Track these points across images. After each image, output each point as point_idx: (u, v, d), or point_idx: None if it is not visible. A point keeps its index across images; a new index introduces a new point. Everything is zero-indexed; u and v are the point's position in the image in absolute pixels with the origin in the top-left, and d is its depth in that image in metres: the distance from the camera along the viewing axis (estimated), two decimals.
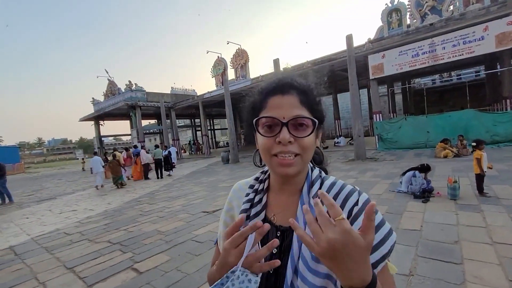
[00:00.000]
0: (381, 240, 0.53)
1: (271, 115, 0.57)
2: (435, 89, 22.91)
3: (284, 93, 0.59)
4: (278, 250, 0.58)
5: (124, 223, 4.98)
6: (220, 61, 22.04)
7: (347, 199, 0.58)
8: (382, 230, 0.54)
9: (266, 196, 0.67)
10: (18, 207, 8.10)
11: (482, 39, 9.78)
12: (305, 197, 0.60)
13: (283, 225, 0.61)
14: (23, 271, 3.30)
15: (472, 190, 4.68)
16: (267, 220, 0.63)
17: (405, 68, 11.62)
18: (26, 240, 4.57)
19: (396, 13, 14.53)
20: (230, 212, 0.72)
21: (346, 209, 0.57)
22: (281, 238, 0.60)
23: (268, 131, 0.58)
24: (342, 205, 0.57)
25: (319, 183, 0.62)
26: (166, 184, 9.67)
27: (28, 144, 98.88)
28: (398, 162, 8.65)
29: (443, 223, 3.45)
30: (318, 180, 0.62)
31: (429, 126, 10.95)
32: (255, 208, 0.65)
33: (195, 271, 2.86)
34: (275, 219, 0.63)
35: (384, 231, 0.54)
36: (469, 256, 2.57)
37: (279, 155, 0.56)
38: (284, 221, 0.61)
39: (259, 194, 0.67)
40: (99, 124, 25.18)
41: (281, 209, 0.64)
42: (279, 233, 0.61)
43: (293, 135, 0.56)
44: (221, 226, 0.72)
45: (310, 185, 0.62)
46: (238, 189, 0.74)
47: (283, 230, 0.61)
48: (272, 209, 0.65)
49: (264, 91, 0.63)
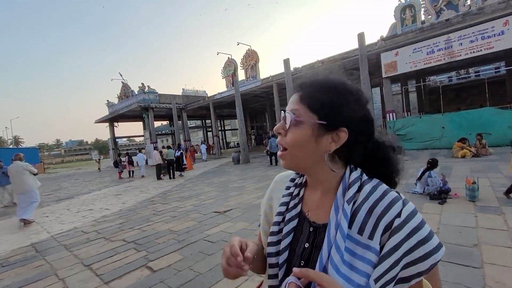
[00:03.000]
0: (422, 257, 0.50)
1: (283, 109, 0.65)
2: (451, 86, 22.15)
3: (294, 90, 0.64)
4: (310, 246, 0.60)
5: (138, 222, 5.10)
6: (230, 62, 22.18)
7: (388, 208, 0.53)
8: (425, 247, 0.50)
9: (303, 190, 0.68)
10: (39, 205, 8.44)
11: (502, 34, 9.38)
12: (339, 199, 0.57)
13: (316, 222, 0.62)
14: (44, 267, 3.44)
15: (493, 192, 4.50)
16: (302, 214, 0.65)
17: (420, 65, 11.31)
18: (46, 238, 4.76)
19: (409, 9, 14.18)
20: (269, 202, 0.75)
21: (386, 220, 0.52)
22: (313, 234, 0.60)
23: None
24: (381, 214, 0.53)
25: (357, 187, 0.57)
26: (178, 184, 9.82)
27: (47, 146, 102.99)
28: (413, 162, 8.41)
29: (461, 226, 3.33)
30: (356, 183, 0.57)
31: (445, 122, 10.60)
32: (294, 200, 0.67)
33: (207, 270, 2.89)
34: (309, 215, 0.64)
35: (427, 248, 0.50)
36: (489, 260, 2.47)
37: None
38: (317, 218, 0.62)
39: (297, 187, 0.69)
40: (113, 126, 25.89)
41: (315, 205, 0.64)
42: (312, 229, 0.61)
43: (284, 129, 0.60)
44: (262, 214, 0.75)
45: (346, 188, 0.58)
46: (279, 181, 0.76)
47: (316, 227, 0.61)
48: (307, 204, 0.66)
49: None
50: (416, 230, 0.51)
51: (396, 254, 0.50)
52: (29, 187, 5.96)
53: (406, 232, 0.51)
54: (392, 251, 0.50)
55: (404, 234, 0.50)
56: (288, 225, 0.63)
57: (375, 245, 0.51)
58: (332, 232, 0.55)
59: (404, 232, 0.50)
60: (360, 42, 10.20)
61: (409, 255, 0.50)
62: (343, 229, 0.53)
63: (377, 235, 0.52)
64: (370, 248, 0.51)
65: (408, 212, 0.52)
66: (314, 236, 0.60)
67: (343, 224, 0.54)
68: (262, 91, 19.07)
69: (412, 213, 0.52)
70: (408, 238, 0.50)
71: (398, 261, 0.50)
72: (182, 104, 23.17)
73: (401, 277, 0.51)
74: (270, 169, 10.82)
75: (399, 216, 0.52)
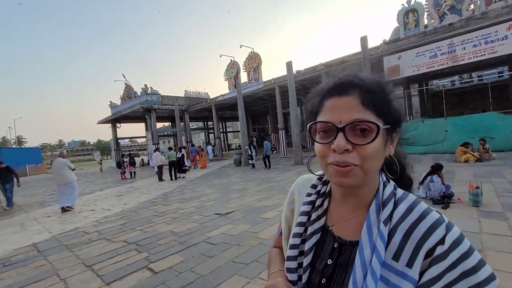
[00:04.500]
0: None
1: (325, 120, 0.51)
2: (454, 90, 22.07)
3: (341, 93, 0.51)
4: (333, 263, 0.54)
5: (140, 224, 5.10)
6: (233, 64, 22.29)
7: (429, 233, 0.47)
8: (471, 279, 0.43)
9: (328, 201, 0.61)
10: (41, 205, 8.49)
11: (505, 39, 9.36)
12: (372, 216, 0.51)
13: (341, 237, 0.55)
14: (45, 267, 3.44)
15: (497, 197, 4.46)
16: (326, 227, 0.59)
17: (423, 69, 11.30)
18: (48, 238, 4.76)
19: (412, 13, 14.20)
20: (291, 205, 0.69)
21: (426, 247, 0.46)
22: (338, 251, 0.55)
23: (323, 137, 0.51)
24: (421, 239, 0.47)
25: (392, 204, 0.51)
26: (179, 185, 9.83)
27: (50, 146, 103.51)
28: (416, 166, 8.32)
29: (465, 231, 3.26)
30: (391, 199, 0.52)
31: (448, 126, 10.56)
32: (316, 212, 0.60)
33: (208, 272, 2.88)
34: (333, 229, 0.57)
35: (473, 281, 0.43)
36: (494, 266, 2.43)
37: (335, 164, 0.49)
38: (344, 233, 0.56)
39: (320, 197, 0.62)
40: (116, 127, 26.02)
41: (341, 220, 0.57)
42: (336, 245, 0.55)
43: (351, 142, 0.48)
44: (283, 218, 0.70)
45: (381, 205, 0.52)
46: (301, 184, 0.70)
47: (341, 243, 0.55)
48: (332, 217, 0.59)
49: (321, 92, 0.56)
50: (461, 259, 0.44)
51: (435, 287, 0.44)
52: (68, 179, 7.04)
53: (449, 262, 0.44)
54: (430, 283, 0.45)
55: (447, 264, 0.44)
56: (311, 240, 0.57)
57: (414, 275, 0.46)
58: (367, 255, 0.49)
59: (447, 262, 0.44)
60: (363, 46, 10.22)
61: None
62: (380, 254, 0.48)
63: (417, 263, 0.46)
64: (406, 277, 0.46)
65: (453, 239, 0.46)
66: (339, 253, 0.54)
67: (380, 248, 0.48)
68: (264, 93, 19.11)
69: (458, 239, 0.46)
70: (451, 269, 0.44)
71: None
72: (184, 106, 23.26)
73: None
74: (271, 171, 10.74)
75: (442, 243, 0.45)
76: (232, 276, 2.75)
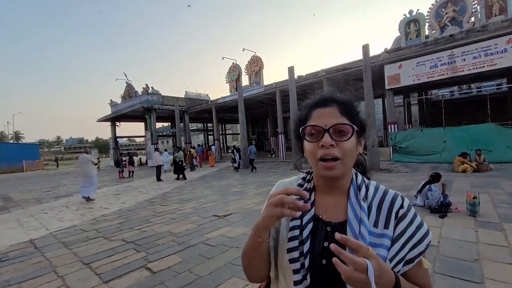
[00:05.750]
0: (420, 240, 0.64)
1: (314, 124, 0.67)
2: (453, 101, 22.25)
3: (326, 105, 0.69)
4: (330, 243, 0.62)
5: (138, 223, 5.09)
6: (235, 67, 22.41)
7: (393, 202, 0.67)
8: (421, 231, 0.65)
9: (313, 195, 0.73)
10: (38, 202, 8.44)
11: (505, 52, 9.50)
12: (353, 198, 0.68)
13: (332, 221, 0.68)
14: (43, 264, 3.43)
15: (494, 208, 4.51)
16: (316, 216, 0.69)
17: (423, 79, 11.42)
18: (45, 234, 4.75)
19: (414, 23, 14.38)
20: None
21: (393, 211, 0.66)
22: (331, 233, 0.65)
23: (312, 137, 0.67)
24: (389, 208, 0.67)
25: (365, 187, 0.70)
26: (178, 186, 9.82)
27: (47, 142, 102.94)
28: (414, 174, 8.44)
29: (462, 240, 3.33)
30: (363, 185, 0.70)
31: (446, 136, 10.65)
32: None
33: (207, 273, 2.89)
34: (323, 217, 0.69)
35: (422, 232, 0.65)
36: (490, 276, 2.47)
37: (324, 159, 0.64)
38: (333, 217, 0.69)
39: (307, 192, 0.72)
40: (115, 125, 25.96)
41: (327, 208, 0.70)
42: (329, 228, 0.67)
43: (335, 140, 0.64)
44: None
45: (357, 188, 0.69)
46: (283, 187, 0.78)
47: (333, 226, 0.67)
48: (320, 207, 0.71)
49: (309, 105, 0.73)
50: (414, 217, 0.66)
51: (403, 238, 0.63)
52: (91, 173, 7.89)
53: (408, 219, 0.65)
54: (399, 236, 0.63)
55: (407, 221, 0.65)
56: (307, 228, 0.67)
57: (390, 232, 0.64)
58: (355, 227, 0.63)
59: (407, 220, 0.65)
60: (364, 54, 10.31)
61: (412, 239, 0.63)
62: (366, 224, 0.63)
63: (392, 224, 0.65)
64: (385, 235, 0.63)
65: (408, 204, 0.67)
66: (333, 235, 0.60)
67: (364, 219, 0.64)
68: (265, 97, 19.17)
69: (410, 205, 0.68)
70: (410, 224, 0.65)
71: (404, 243, 0.63)
72: (184, 107, 23.28)
73: (408, 258, 0.63)
74: (270, 175, 10.81)
75: (402, 207, 0.67)
76: (230, 278, 2.76)
